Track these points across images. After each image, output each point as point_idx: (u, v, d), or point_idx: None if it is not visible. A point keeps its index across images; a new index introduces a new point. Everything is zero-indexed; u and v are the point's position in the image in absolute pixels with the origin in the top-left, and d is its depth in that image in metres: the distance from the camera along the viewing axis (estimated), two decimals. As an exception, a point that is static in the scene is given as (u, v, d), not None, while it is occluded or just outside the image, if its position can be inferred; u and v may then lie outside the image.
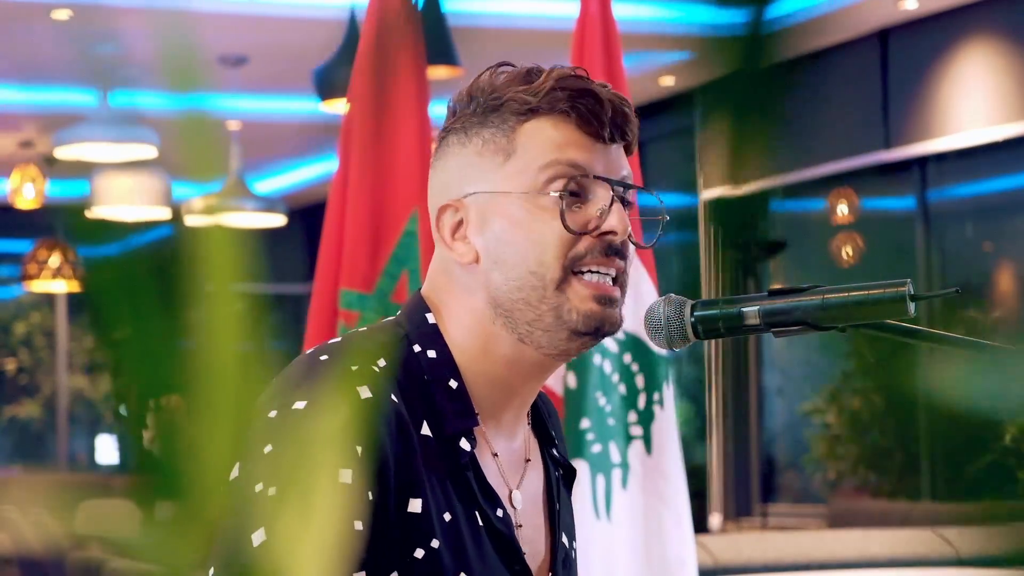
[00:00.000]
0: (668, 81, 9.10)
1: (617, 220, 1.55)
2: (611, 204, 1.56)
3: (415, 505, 1.50)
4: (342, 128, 3.83)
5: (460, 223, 1.58)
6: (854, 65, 8.26)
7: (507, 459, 1.63)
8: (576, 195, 1.55)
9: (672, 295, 1.55)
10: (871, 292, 1.48)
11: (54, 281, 9.78)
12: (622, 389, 3.73)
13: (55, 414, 12.71)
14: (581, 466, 3.65)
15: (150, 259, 0.59)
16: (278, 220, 9.30)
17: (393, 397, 1.51)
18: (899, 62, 8.04)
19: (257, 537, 0.65)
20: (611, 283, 1.57)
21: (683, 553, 3.72)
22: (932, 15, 7.78)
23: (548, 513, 1.67)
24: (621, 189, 1.57)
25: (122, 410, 0.59)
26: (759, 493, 9.24)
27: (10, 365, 12.90)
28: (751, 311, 1.52)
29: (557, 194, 1.54)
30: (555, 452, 1.71)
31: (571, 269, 1.55)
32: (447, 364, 1.57)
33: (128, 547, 0.60)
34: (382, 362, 1.54)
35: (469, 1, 7.65)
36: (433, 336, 1.58)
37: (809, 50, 8.27)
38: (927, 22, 7.84)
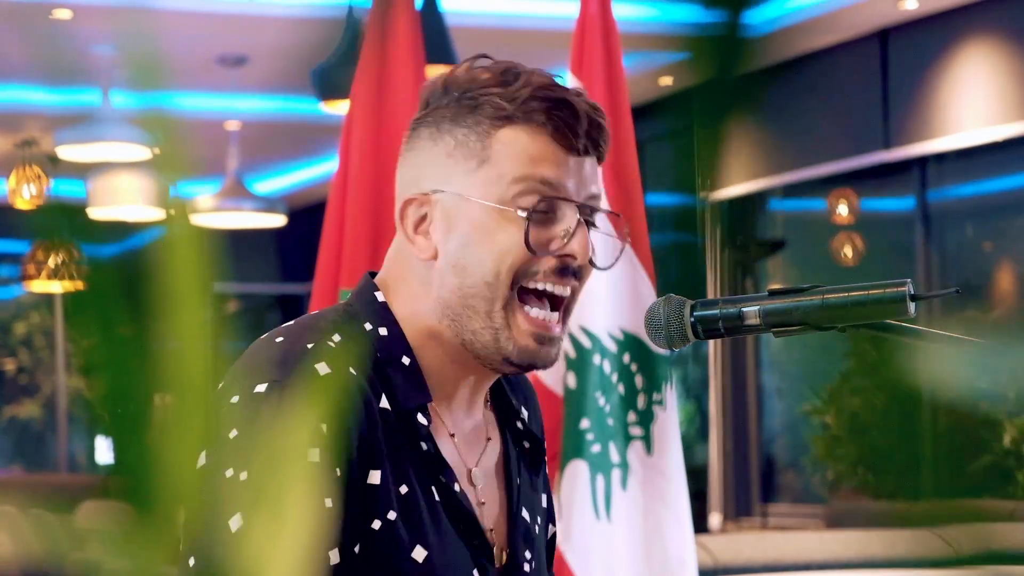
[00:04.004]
0: (667, 81, 9.10)
1: (579, 244, 1.55)
2: (576, 227, 1.56)
3: (375, 477, 1.50)
4: (342, 128, 3.83)
5: (424, 218, 1.58)
6: (854, 65, 8.25)
7: (464, 438, 1.63)
8: (543, 212, 1.55)
9: (672, 295, 1.55)
10: (871, 292, 1.48)
11: (53, 281, 9.77)
12: (621, 389, 3.72)
13: (55, 414, 12.69)
14: (581, 466, 3.65)
15: (127, 263, 0.59)
16: (278, 220, 9.30)
17: (352, 370, 1.52)
18: (899, 62, 8.03)
19: (234, 523, 0.65)
20: (556, 318, 1.57)
21: (683, 553, 3.72)
22: (932, 15, 7.77)
23: (506, 488, 1.66)
24: (588, 211, 1.57)
25: (99, 411, 0.59)
26: (759, 493, 9.24)
27: (10, 365, 12.89)
28: (751, 311, 1.52)
29: (524, 212, 1.54)
30: (519, 425, 1.70)
31: (520, 284, 1.55)
32: (399, 341, 1.58)
33: (101, 546, 0.60)
34: (337, 337, 1.54)
35: (469, 1, 7.65)
36: (383, 314, 1.59)
37: (809, 50, 8.26)
38: (927, 22, 7.83)
